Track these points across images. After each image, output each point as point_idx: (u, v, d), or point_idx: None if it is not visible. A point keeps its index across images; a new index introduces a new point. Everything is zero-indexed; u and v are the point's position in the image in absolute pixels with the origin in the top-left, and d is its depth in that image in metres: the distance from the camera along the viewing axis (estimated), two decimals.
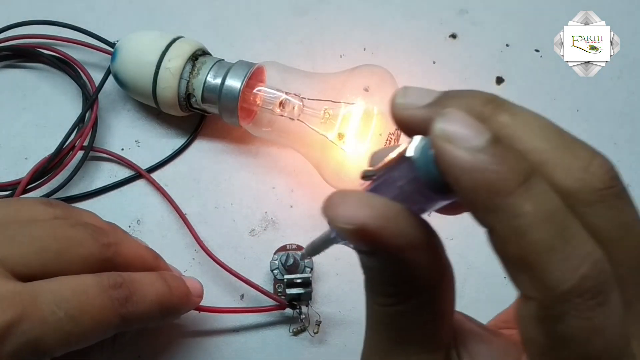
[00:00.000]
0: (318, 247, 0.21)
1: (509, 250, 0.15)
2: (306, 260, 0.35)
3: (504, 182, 0.14)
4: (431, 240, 0.17)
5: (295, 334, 0.35)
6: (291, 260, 0.34)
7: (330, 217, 0.16)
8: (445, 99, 0.17)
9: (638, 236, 0.16)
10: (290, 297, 0.34)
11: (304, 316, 0.34)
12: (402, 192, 0.16)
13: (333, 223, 0.16)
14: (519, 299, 0.16)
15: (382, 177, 0.17)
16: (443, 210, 0.18)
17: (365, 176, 0.18)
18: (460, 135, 0.15)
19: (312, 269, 0.35)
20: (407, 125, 0.18)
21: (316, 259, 0.36)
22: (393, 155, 0.16)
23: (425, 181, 0.15)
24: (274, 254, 0.36)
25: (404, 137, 0.38)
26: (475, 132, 0.15)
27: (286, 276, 0.34)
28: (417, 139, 0.16)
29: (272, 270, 0.35)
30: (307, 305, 0.35)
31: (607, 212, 0.16)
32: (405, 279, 0.17)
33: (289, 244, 0.36)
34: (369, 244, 0.16)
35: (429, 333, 0.18)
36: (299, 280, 0.34)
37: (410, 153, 0.16)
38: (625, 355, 0.16)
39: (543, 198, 0.15)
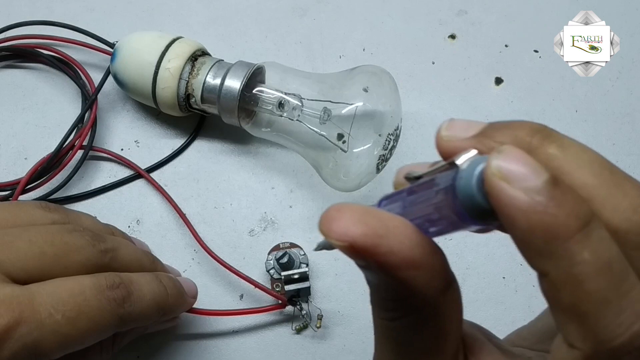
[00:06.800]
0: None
1: (562, 298, 0.14)
2: (301, 256, 0.35)
3: (562, 226, 0.14)
4: (431, 258, 0.16)
5: (298, 331, 0.35)
6: (285, 258, 0.34)
7: (323, 231, 0.16)
8: (492, 131, 0.17)
9: None
10: (290, 294, 0.34)
11: (305, 312, 0.34)
12: (433, 208, 0.16)
13: (326, 238, 0.16)
14: (562, 343, 0.15)
15: (421, 184, 0.17)
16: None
17: (409, 178, 0.17)
18: (517, 175, 0.14)
19: (307, 264, 0.35)
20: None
21: (314, 258, 0.36)
22: (441, 164, 0.16)
23: (463, 202, 0.15)
24: (268, 254, 0.35)
25: (403, 138, 0.39)
26: (533, 172, 0.14)
27: (283, 273, 0.34)
28: (472, 153, 0.15)
29: (268, 271, 0.35)
30: (306, 302, 0.35)
31: None
32: (402, 295, 0.17)
33: (282, 243, 0.36)
34: (362, 260, 0.16)
35: (432, 348, 0.18)
36: (296, 276, 0.34)
37: (459, 162, 0.15)
38: None
39: (602, 245, 0.14)
